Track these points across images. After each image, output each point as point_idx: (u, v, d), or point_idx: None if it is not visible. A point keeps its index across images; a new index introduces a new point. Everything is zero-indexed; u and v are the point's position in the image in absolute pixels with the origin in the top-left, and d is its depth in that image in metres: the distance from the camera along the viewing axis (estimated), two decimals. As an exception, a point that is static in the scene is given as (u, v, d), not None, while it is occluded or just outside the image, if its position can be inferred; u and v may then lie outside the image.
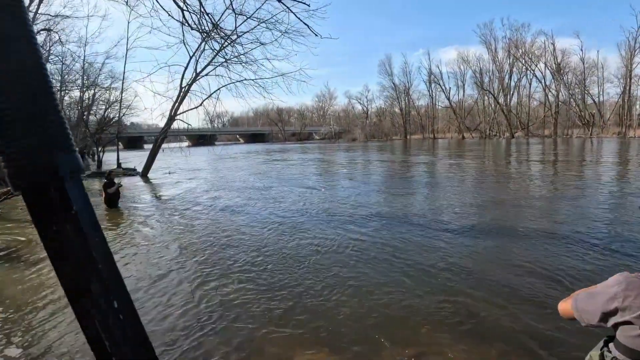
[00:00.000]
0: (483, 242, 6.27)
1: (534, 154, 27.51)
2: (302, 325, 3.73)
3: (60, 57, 28.80)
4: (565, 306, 1.33)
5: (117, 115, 26.67)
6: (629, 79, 51.68)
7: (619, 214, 8.08)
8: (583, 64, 56.05)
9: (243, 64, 19.17)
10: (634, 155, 23.01)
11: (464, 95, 71.93)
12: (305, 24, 6.28)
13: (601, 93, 56.52)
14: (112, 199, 10.86)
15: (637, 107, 52.90)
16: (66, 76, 30.21)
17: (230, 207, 10.50)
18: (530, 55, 61.08)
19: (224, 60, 19.10)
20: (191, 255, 6.10)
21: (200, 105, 20.00)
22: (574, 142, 42.33)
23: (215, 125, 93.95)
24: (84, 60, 27.14)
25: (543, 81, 60.70)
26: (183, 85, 19.47)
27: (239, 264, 5.60)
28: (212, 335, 3.57)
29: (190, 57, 19.15)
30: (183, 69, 19.39)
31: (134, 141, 72.25)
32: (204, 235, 7.44)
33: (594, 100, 56.01)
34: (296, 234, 7.32)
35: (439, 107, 74.48)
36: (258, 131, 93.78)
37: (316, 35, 6.42)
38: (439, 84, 71.61)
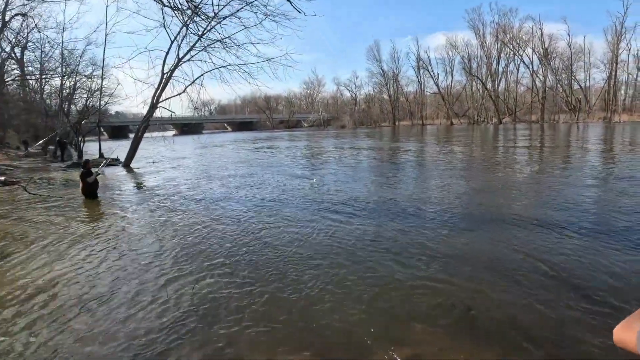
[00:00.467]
0: (474, 230, 6.07)
1: (522, 139, 27.49)
2: (284, 323, 3.45)
3: (38, 44, 27.79)
4: (626, 338, 0.93)
5: (98, 103, 25.79)
6: (614, 64, 51.92)
7: (603, 198, 8.07)
8: (570, 49, 56.23)
9: (227, 49, 18.58)
10: (618, 140, 23.20)
11: (452, 81, 71.94)
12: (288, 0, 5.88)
13: (587, 78, 56.97)
14: (91, 189, 10.35)
15: (622, 92, 53.37)
16: (45, 64, 29.19)
17: (212, 197, 10.11)
18: (518, 41, 61.00)
19: (207, 45, 18.52)
20: (170, 248, 5.72)
21: (184, 92, 19.35)
22: (560, 127, 42.56)
23: (202, 113, 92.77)
24: (62, 47, 26.18)
25: (531, 66, 60.82)
26: (165, 72, 18.77)
27: (219, 257, 5.27)
28: (189, 337, 3.26)
29: (172, 42, 18.45)
30: (164, 54, 18.68)
31: (118, 130, 70.60)
32: (184, 227, 7.06)
33: (580, 85, 56.33)
34: (280, 223, 7.02)
35: (428, 93, 74.44)
36: (246, 119, 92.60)
37: (299, 12, 6.03)
38: (428, 70, 71.44)
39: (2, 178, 12.66)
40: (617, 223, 6.15)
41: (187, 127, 76.67)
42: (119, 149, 23.87)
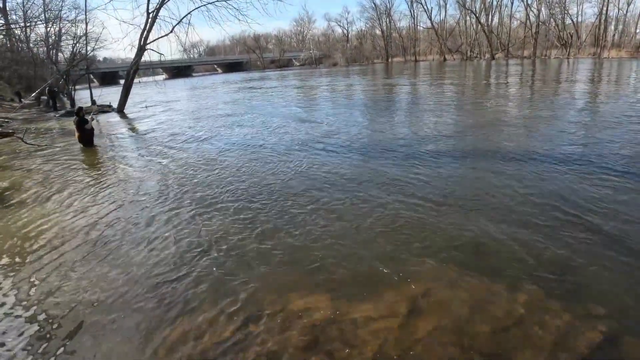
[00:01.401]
0: (469, 166, 6.13)
1: (514, 75, 27.05)
2: (294, 263, 3.55)
3: None
4: None
5: (85, 49, 24.74)
6: (606, -1, 50.12)
7: (591, 132, 8.13)
8: (565, -19, 53.79)
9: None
10: (605, 75, 22.97)
11: (446, 15, 68.95)
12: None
13: (580, 13, 55.03)
14: (87, 136, 10.25)
15: (612, 28, 51.84)
16: (28, 11, 27.63)
17: (206, 139, 10.21)
18: (514, -29, 57.92)
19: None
20: (172, 192, 5.77)
21: (171, 32, 18.53)
22: (552, 63, 41.69)
23: (192, 55, 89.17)
24: (44, -10, 24.69)
25: (525, 0, 58.27)
26: (150, 11, 17.81)
27: (219, 196, 5.42)
28: (199, 281, 3.37)
29: (156, -22, 17.36)
30: (148, -8, 17.63)
31: (109, 77, 67.88)
32: (182, 170, 7.15)
33: (572, 20, 54.47)
34: (277, 162, 7.12)
35: (421, 28, 71.50)
36: (236, 60, 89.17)
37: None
38: (421, 4, 68.12)
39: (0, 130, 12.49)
40: (601, 153, 6.30)
41: (177, 70, 74.08)
42: (110, 95, 23.29)
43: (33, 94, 25.98)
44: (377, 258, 3.58)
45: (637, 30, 49.29)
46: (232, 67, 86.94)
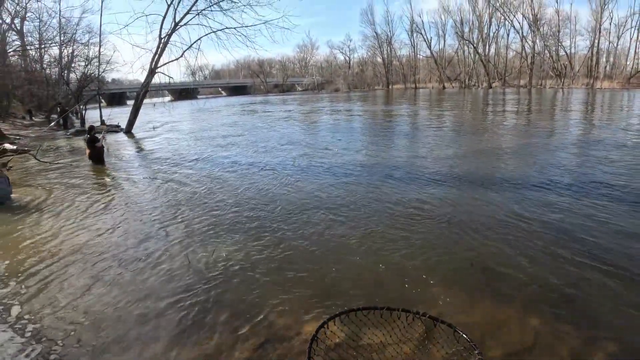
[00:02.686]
0: (465, 190, 6.17)
1: (511, 103, 27.46)
2: (308, 286, 3.56)
3: (37, 14, 26.98)
4: None
5: (97, 71, 25.30)
6: (598, 33, 51.52)
7: (584, 160, 8.28)
8: (558, 16, 55.36)
9: (224, 12, 18.11)
10: (598, 105, 23.38)
11: (444, 45, 70.33)
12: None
13: (572, 45, 56.47)
14: (98, 154, 10.40)
15: (604, 60, 53.11)
16: (44, 33, 28.45)
17: (210, 159, 10.38)
18: (509, 6, 59.59)
19: (204, 8, 18.00)
20: (179, 211, 5.83)
21: (181, 56, 18.91)
22: (547, 92, 42.40)
23: (197, 78, 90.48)
24: (60, 15, 25.46)
25: (521, 32, 59.62)
26: (162, 36, 18.22)
27: (226, 217, 5.46)
28: (212, 303, 3.39)
29: (169, 5, 17.83)
30: (161, 18, 18.11)
31: (116, 98, 68.68)
32: (188, 189, 7.27)
33: (566, 52, 55.89)
34: (286, 185, 7.20)
35: (421, 57, 72.96)
36: (240, 83, 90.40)
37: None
38: (421, 34, 69.71)
39: (15, 147, 12.62)
40: (598, 180, 6.45)
41: (184, 92, 75.09)
42: (118, 115, 23.57)
43: (56, 117, 26.52)
44: (387, 281, 3.61)
45: (628, 63, 50.40)
46: (236, 90, 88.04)
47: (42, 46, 27.73)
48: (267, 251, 4.39)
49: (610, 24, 51.54)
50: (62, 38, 26.15)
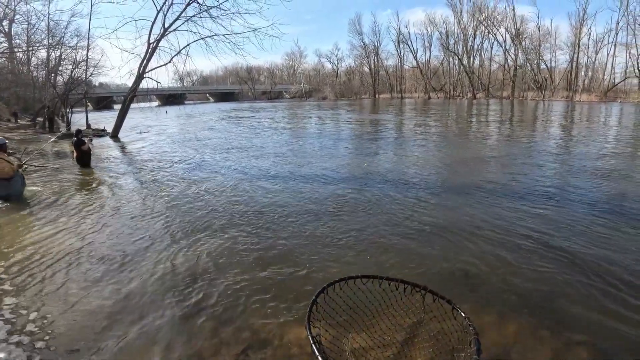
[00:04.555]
0: (449, 199, 6.22)
1: (494, 114, 28.03)
2: (290, 291, 3.55)
3: (25, 17, 26.56)
4: None
5: (84, 74, 24.97)
6: (577, 47, 53.23)
7: (564, 169, 8.56)
8: (539, 31, 57.06)
9: (213, 19, 18.11)
10: (576, 118, 24.13)
11: (430, 56, 71.59)
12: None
13: (553, 59, 58.17)
14: (85, 157, 10.32)
15: (583, 73, 54.74)
16: (32, 36, 28.02)
17: (200, 165, 10.35)
18: (492, 20, 61.06)
19: (193, 14, 17.97)
20: (164, 216, 5.76)
21: (170, 62, 18.75)
22: (529, 104, 43.39)
23: (185, 84, 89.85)
24: (48, 18, 25.13)
25: (503, 45, 61.15)
26: (151, 42, 18.10)
27: (210, 222, 5.42)
28: (197, 308, 3.35)
29: (158, 11, 17.73)
30: (150, 23, 18.01)
31: (103, 101, 67.74)
32: (176, 194, 7.21)
33: (546, 65, 57.56)
34: (269, 191, 7.18)
35: (407, 67, 74.06)
36: (228, 90, 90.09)
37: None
38: (407, 44, 70.82)
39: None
40: (575, 189, 6.72)
41: (172, 97, 74.51)
42: (105, 119, 23.29)
43: (43, 119, 26.05)
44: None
45: (605, 77, 51.97)
46: (224, 96, 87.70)
47: (30, 49, 27.24)
48: (250, 254, 4.37)
49: (589, 40, 53.46)
50: (50, 41, 25.75)
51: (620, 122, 20.98)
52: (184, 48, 18.39)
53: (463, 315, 2.24)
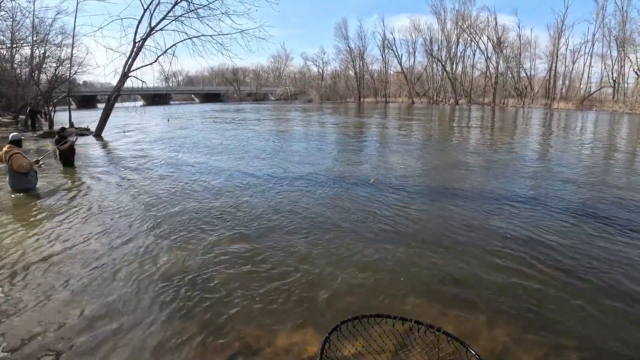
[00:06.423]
0: (439, 204, 6.23)
1: (476, 120, 28.49)
2: (279, 297, 3.48)
3: (10, 13, 25.77)
4: None
5: (68, 72, 24.36)
6: (555, 57, 54.77)
7: (542, 174, 8.66)
8: (519, 40, 58.45)
9: (201, 19, 17.87)
10: (554, 125, 24.74)
11: (414, 62, 72.38)
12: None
13: (532, 68, 59.66)
14: (67, 155, 10.05)
15: (560, 82, 56.30)
16: (16, 33, 27.20)
17: (182, 164, 10.33)
18: (475, 28, 62.21)
19: (181, 14, 17.70)
20: (148, 216, 5.62)
21: (155, 61, 18.43)
22: (509, 110, 44.28)
23: (170, 84, 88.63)
24: (34, 15, 24.45)
25: (485, 53, 62.35)
26: (137, 40, 17.77)
27: (196, 227, 5.26)
28: (183, 314, 3.25)
29: (145, 10, 17.41)
30: (137, 22, 17.67)
31: (87, 100, 65.98)
32: (161, 193, 7.09)
33: (526, 73, 58.96)
34: (252, 192, 7.10)
35: (392, 72, 74.73)
36: (214, 91, 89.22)
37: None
38: (392, 50, 71.50)
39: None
40: (554, 193, 6.82)
41: (157, 97, 73.36)
42: (88, 118, 22.75)
43: (25, 117, 25.18)
44: (360, 292, 3.59)
45: (582, 86, 53.49)
46: (209, 97, 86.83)
47: (14, 45, 26.44)
48: (238, 258, 4.27)
49: (567, 50, 55.01)
50: (34, 38, 25.08)
51: (596, 129, 21.59)
52: (170, 47, 18.10)
53: (477, 358, 2.21)
